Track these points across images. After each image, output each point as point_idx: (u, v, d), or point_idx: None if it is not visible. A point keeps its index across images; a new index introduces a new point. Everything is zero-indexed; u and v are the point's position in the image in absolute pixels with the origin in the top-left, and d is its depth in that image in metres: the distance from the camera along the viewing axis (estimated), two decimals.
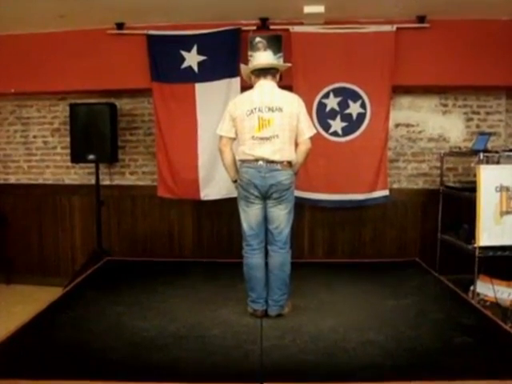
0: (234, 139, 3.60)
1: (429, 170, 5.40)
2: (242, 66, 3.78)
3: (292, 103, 3.49)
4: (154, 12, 4.72)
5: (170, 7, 4.61)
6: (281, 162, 3.44)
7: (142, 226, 5.62)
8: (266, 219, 3.58)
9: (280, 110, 3.42)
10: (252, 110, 3.43)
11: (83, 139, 5.06)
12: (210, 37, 4.94)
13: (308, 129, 3.55)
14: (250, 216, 3.56)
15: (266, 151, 3.41)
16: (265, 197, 3.49)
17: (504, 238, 4.18)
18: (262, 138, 3.42)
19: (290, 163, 3.51)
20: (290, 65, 3.85)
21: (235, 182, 3.69)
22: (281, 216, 3.52)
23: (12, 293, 5.39)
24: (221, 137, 3.62)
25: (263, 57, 3.61)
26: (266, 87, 3.52)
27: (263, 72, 3.54)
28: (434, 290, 4.16)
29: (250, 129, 3.44)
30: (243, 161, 3.51)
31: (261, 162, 3.42)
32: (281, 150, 3.43)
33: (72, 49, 5.17)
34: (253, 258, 3.57)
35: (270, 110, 3.42)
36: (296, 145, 3.57)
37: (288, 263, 3.58)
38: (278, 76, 3.63)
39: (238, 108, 3.50)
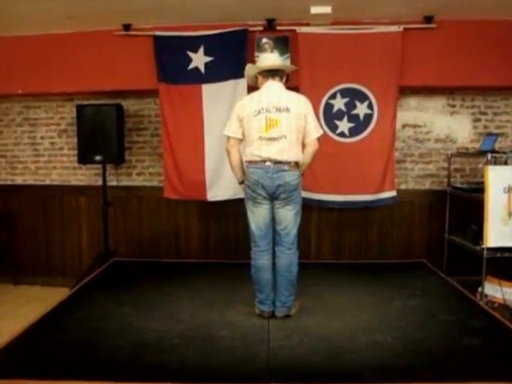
0: (242, 140, 3.60)
1: (436, 171, 5.38)
2: (249, 66, 3.76)
3: (299, 104, 3.49)
4: (161, 13, 4.73)
5: (177, 8, 4.61)
6: (288, 163, 3.44)
7: (148, 226, 5.62)
8: (273, 220, 3.57)
9: (287, 110, 3.42)
10: (259, 111, 3.43)
11: (90, 140, 5.07)
12: (216, 38, 4.94)
13: (315, 130, 3.55)
14: (257, 217, 3.56)
15: (273, 152, 3.41)
16: (272, 197, 3.49)
17: None
18: (269, 139, 3.41)
19: (297, 164, 3.50)
20: (297, 68, 3.81)
21: (241, 183, 3.68)
22: (288, 217, 3.52)
23: (19, 293, 5.40)
24: (228, 138, 3.62)
25: (272, 58, 3.60)
26: (274, 88, 3.51)
27: (271, 73, 3.54)
28: (442, 292, 4.15)
29: (258, 129, 3.43)
30: (250, 162, 3.51)
31: (268, 163, 3.42)
32: (288, 150, 3.43)
33: (79, 50, 5.18)
34: (261, 259, 3.56)
35: (278, 110, 3.41)
36: (303, 145, 3.57)
37: (295, 264, 3.58)
38: (284, 77, 3.62)
39: (245, 108, 3.50)
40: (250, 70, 3.72)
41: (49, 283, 5.55)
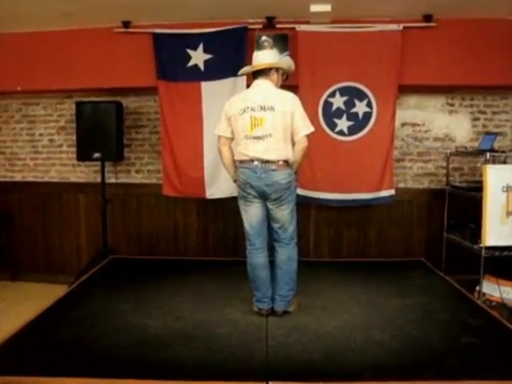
0: (232, 139, 3.61)
1: (435, 170, 5.38)
2: (244, 69, 3.80)
3: (285, 102, 3.45)
4: (161, 10, 4.72)
5: (177, 6, 4.60)
6: (276, 162, 3.42)
7: (147, 224, 5.62)
8: (267, 217, 3.59)
9: (272, 109, 3.40)
10: (244, 109, 3.44)
11: (89, 137, 5.06)
12: (216, 35, 4.94)
13: (303, 127, 3.49)
14: (250, 215, 3.57)
15: (259, 151, 3.41)
16: (263, 197, 3.49)
17: (510, 238, 4.17)
18: (254, 138, 3.42)
19: (286, 162, 3.48)
20: (280, 64, 3.62)
21: (236, 181, 3.68)
22: (284, 216, 3.52)
23: (17, 290, 5.40)
24: (219, 136, 3.64)
25: (258, 57, 3.58)
26: (261, 86, 3.51)
27: (256, 72, 3.56)
28: (440, 290, 4.16)
29: (243, 128, 3.45)
30: (240, 161, 3.53)
31: (256, 163, 3.43)
32: (275, 149, 3.42)
33: (79, 47, 5.18)
34: (256, 258, 3.58)
35: (262, 109, 3.41)
36: (293, 143, 3.55)
37: (295, 258, 3.59)
38: (274, 74, 3.57)
39: (232, 107, 3.52)
40: (245, 72, 3.81)
41: (47, 280, 5.54)
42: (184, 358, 2.85)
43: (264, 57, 3.56)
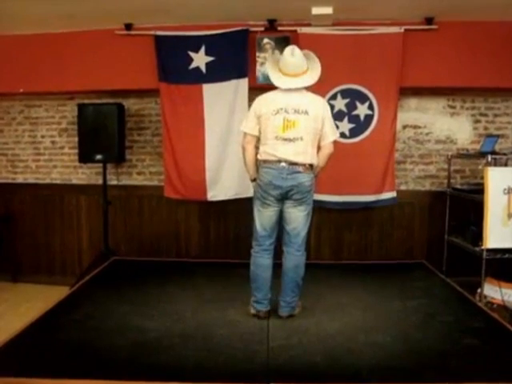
0: (258, 137, 3.57)
1: (436, 172, 5.38)
2: (270, 69, 3.66)
3: (318, 106, 3.46)
4: (162, 13, 4.73)
5: (178, 8, 4.61)
6: (303, 165, 3.41)
7: (148, 226, 5.62)
8: (281, 220, 3.56)
9: (306, 112, 3.39)
10: (278, 110, 3.41)
11: (91, 139, 5.06)
12: (217, 37, 4.94)
13: (331, 133, 3.52)
14: (263, 217, 3.54)
15: (288, 152, 3.39)
16: (284, 198, 3.46)
17: (511, 241, 4.16)
18: (285, 139, 3.40)
19: (311, 166, 3.48)
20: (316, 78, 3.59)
21: (253, 180, 3.67)
22: (299, 217, 3.50)
23: (19, 291, 5.40)
24: (244, 134, 3.59)
25: (292, 65, 3.46)
26: (294, 89, 3.47)
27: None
28: (441, 292, 4.15)
29: (274, 128, 3.41)
30: (265, 161, 3.48)
31: (283, 164, 3.40)
32: (304, 152, 3.41)
33: (81, 49, 5.19)
34: (262, 258, 3.56)
35: (296, 111, 3.39)
36: (318, 148, 3.54)
37: (302, 266, 3.56)
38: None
39: (263, 107, 3.47)
40: (271, 74, 3.58)
41: (48, 282, 5.55)
42: (185, 359, 2.85)
43: (300, 65, 3.48)
